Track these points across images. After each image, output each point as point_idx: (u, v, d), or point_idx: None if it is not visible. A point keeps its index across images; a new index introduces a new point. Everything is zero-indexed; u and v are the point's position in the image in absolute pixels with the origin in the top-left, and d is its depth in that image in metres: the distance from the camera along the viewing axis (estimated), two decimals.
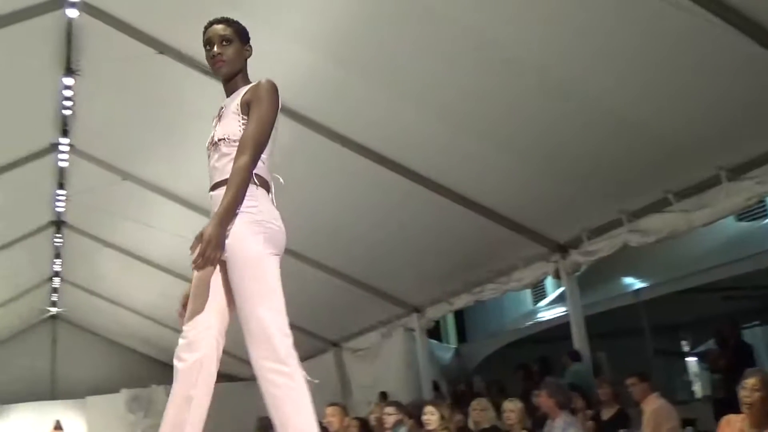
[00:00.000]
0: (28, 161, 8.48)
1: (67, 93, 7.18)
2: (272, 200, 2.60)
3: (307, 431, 2.39)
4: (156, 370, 14.39)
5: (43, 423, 13.88)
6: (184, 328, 2.54)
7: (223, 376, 2.69)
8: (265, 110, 2.57)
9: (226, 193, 2.45)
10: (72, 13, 6.05)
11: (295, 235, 2.78)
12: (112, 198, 9.05)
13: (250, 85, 2.67)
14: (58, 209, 10.42)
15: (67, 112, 7.60)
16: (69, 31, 6.44)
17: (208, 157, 2.68)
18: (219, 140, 2.62)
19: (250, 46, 2.78)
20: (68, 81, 6.98)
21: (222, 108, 2.72)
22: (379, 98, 6.03)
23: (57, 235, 11.40)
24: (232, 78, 2.73)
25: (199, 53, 2.85)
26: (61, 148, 8.41)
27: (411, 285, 9.08)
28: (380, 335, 10.43)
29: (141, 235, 10.06)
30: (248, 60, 2.77)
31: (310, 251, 8.56)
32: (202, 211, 7.60)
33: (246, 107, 2.60)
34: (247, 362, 2.44)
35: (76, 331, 16.76)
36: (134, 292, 13.05)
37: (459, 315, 14.04)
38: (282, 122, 2.70)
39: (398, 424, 6.36)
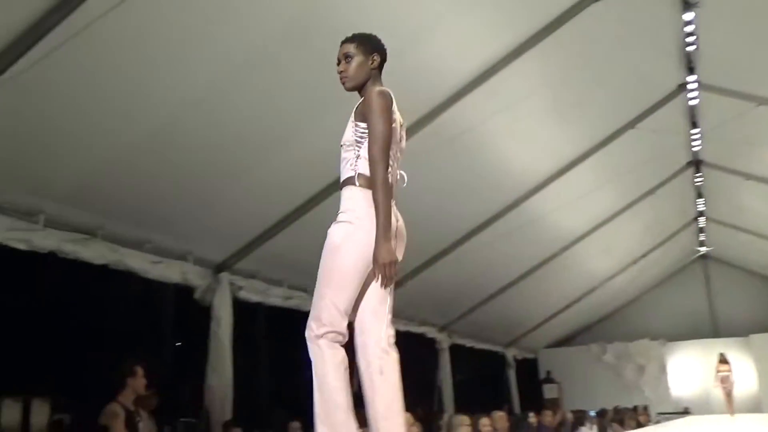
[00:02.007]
0: (658, 107, 8.76)
1: (689, 29, 7.13)
2: (395, 200, 2.85)
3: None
4: None
5: (708, 358, 14.25)
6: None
7: None
8: (377, 123, 2.74)
9: (377, 215, 2.67)
10: None
11: None
12: (746, 127, 8.62)
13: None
14: (694, 149, 10.46)
15: (691, 48, 7.55)
16: None
17: None
18: (341, 144, 2.86)
19: (378, 55, 2.94)
20: (688, 16, 6.93)
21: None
22: None
23: (696, 174, 11.48)
24: (361, 89, 2.92)
25: None
26: (689, 86, 8.41)
27: None
28: None
29: None
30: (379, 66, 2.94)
31: None
32: None
33: (361, 116, 2.80)
34: None
35: (727, 268, 16.65)
36: None
37: None
38: None
39: None
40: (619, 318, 17.30)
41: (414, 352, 13.42)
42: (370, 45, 2.97)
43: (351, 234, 2.72)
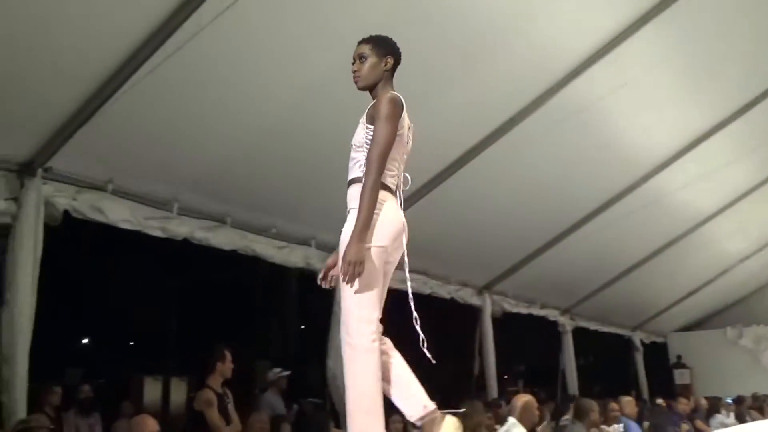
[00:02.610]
0: None
1: None
2: (399, 201, 2.97)
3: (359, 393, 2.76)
4: None
5: None
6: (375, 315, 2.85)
7: None
8: (382, 129, 2.83)
9: (358, 213, 2.73)
10: None
11: None
12: None
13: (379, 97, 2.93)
14: None
15: None
16: None
17: None
18: (351, 144, 2.96)
19: (392, 57, 3.03)
20: None
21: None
22: None
23: None
24: (372, 89, 3.01)
25: None
26: None
27: None
28: None
29: None
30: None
31: None
32: None
33: (371, 119, 2.89)
34: None
35: None
36: None
37: None
38: None
39: None
40: (757, 300, 16.27)
41: (535, 336, 13.29)
42: (385, 48, 3.06)
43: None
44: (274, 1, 4.54)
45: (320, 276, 3.19)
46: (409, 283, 3.06)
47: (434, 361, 2.85)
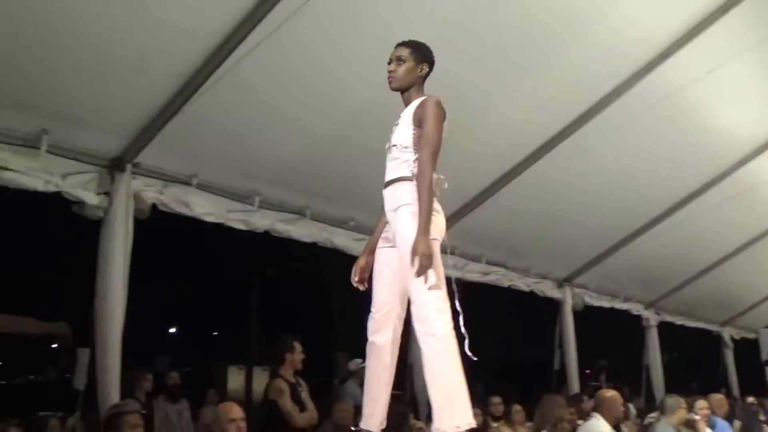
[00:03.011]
0: None
1: None
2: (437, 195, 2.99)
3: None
4: None
5: None
6: (372, 309, 3.10)
7: None
8: (434, 130, 3.01)
9: (420, 210, 2.90)
10: None
11: None
12: None
13: (421, 99, 3.11)
14: None
15: None
16: None
17: (387, 157, 3.15)
18: (392, 145, 3.12)
19: (428, 66, 3.20)
20: None
21: (400, 116, 3.16)
22: None
23: None
24: (405, 91, 3.19)
25: None
26: None
27: None
28: None
29: None
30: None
31: None
32: None
33: (418, 121, 3.06)
34: None
35: None
36: None
37: None
38: None
39: None
40: None
41: (618, 331, 12.94)
42: (422, 55, 3.22)
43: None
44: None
45: (355, 278, 3.28)
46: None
47: (475, 358, 2.95)
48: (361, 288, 3.25)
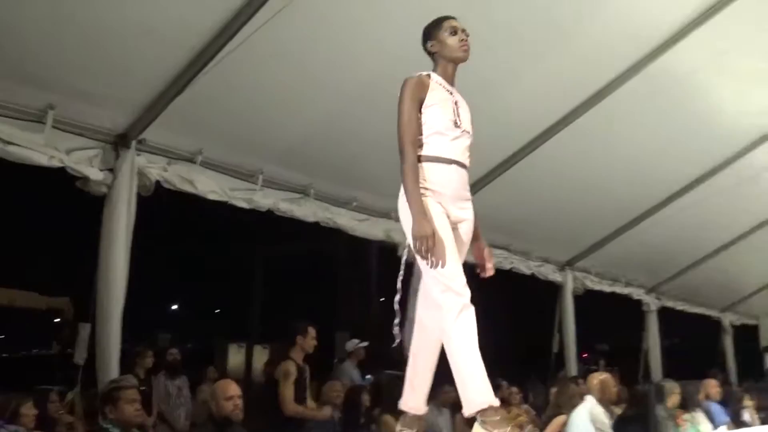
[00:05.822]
0: None
1: None
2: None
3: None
4: None
5: None
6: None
7: None
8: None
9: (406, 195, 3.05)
10: None
11: None
12: None
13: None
14: None
15: None
16: None
17: (458, 134, 3.07)
18: (466, 130, 3.09)
19: None
20: None
21: (451, 92, 3.09)
22: None
23: None
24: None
25: None
26: None
27: None
28: None
29: None
30: None
31: None
32: None
33: None
34: None
35: None
36: None
37: None
38: None
39: None
40: None
41: (618, 315, 12.96)
42: None
43: None
44: None
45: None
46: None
47: (398, 340, 3.20)
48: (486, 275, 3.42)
